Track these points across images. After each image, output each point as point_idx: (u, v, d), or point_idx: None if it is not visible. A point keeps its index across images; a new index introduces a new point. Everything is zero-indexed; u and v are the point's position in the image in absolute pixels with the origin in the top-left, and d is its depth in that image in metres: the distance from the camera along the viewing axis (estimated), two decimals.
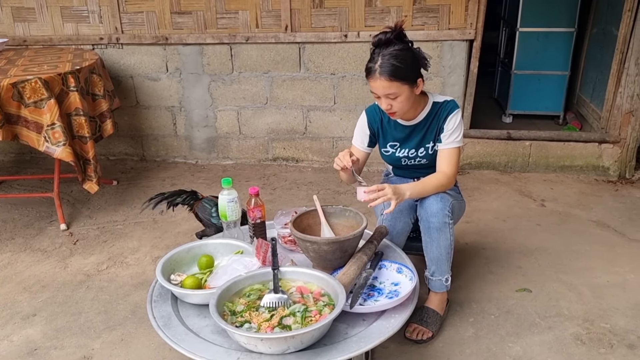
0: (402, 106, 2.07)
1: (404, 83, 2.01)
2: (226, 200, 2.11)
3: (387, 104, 2.07)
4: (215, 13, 3.75)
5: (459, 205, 2.31)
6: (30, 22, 3.92)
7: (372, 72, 2.01)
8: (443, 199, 2.13)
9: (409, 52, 2.03)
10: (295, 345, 1.57)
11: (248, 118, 4.05)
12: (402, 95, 2.03)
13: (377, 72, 1.99)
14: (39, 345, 2.23)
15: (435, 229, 2.14)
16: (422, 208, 2.17)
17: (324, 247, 1.88)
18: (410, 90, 2.05)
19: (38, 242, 3.05)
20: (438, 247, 2.17)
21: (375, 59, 2.01)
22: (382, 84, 2.00)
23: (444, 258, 2.19)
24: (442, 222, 2.12)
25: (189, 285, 1.85)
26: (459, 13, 3.55)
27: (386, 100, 2.05)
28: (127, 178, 3.92)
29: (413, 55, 2.04)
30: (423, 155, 2.26)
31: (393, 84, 2.00)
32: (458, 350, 2.17)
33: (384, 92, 2.03)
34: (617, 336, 2.23)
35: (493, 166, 3.93)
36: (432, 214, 2.13)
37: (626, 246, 2.93)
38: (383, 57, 1.99)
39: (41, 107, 2.88)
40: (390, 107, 2.07)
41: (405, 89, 2.02)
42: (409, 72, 2.02)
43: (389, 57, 1.98)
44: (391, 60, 1.98)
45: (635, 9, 3.46)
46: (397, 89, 2.01)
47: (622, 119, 3.69)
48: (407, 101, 2.06)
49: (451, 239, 2.17)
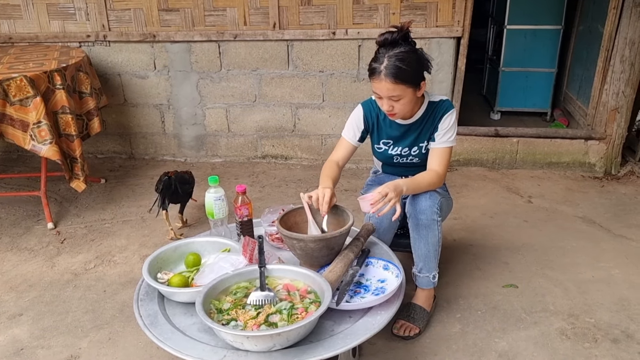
0: (403, 108, 2.07)
1: (409, 86, 2.00)
2: (213, 199, 2.11)
3: (389, 106, 2.05)
4: (203, 10, 3.74)
5: (446, 203, 2.32)
6: (16, 19, 3.88)
7: (376, 72, 1.99)
8: (432, 197, 2.14)
9: (414, 54, 2.01)
10: (282, 342, 1.57)
11: (237, 116, 4.04)
12: (405, 97, 2.03)
13: (382, 74, 1.97)
14: (26, 345, 2.22)
15: (423, 226, 2.15)
16: (411, 205, 2.17)
17: (311, 244, 1.89)
18: (413, 93, 2.04)
19: (25, 241, 3.03)
20: (426, 244, 2.18)
21: (381, 60, 1.98)
22: (386, 85, 1.99)
23: (432, 255, 2.20)
24: (430, 219, 2.13)
25: (175, 283, 1.85)
26: (447, 11, 3.56)
27: (388, 101, 2.04)
28: (116, 176, 3.91)
29: (418, 57, 2.03)
30: (416, 154, 2.27)
31: (398, 86, 1.98)
32: (445, 346, 2.19)
33: (388, 94, 2.01)
34: (602, 331, 2.26)
35: (481, 163, 3.95)
36: (420, 211, 2.14)
37: (611, 242, 2.96)
38: (389, 58, 1.97)
39: (27, 105, 2.86)
40: (392, 109, 2.06)
41: (409, 91, 2.02)
42: (414, 75, 2.01)
43: (395, 60, 1.96)
44: (397, 63, 1.96)
45: (620, 7, 3.49)
46: (402, 91, 2.00)
47: (608, 115, 3.72)
48: (409, 103, 2.07)
49: (439, 236, 2.18)
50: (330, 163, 2.26)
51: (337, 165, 2.25)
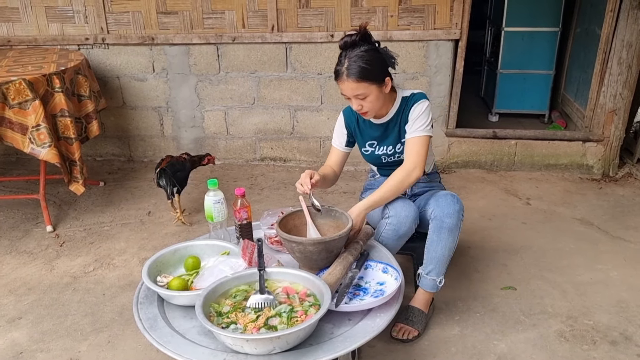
0: (372, 106, 2.09)
1: (372, 83, 2.03)
2: (212, 202, 2.11)
3: (357, 105, 2.09)
4: (202, 13, 3.74)
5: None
6: (15, 22, 3.89)
7: (340, 74, 2.03)
8: (459, 201, 2.15)
9: (375, 52, 2.05)
10: (281, 345, 1.58)
11: (235, 118, 4.05)
12: (371, 95, 2.05)
13: (345, 74, 2.01)
14: (25, 348, 2.22)
15: (447, 229, 2.13)
16: (438, 207, 2.14)
17: (310, 247, 1.89)
18: (378, 90, 2.07)
19: (24, 244, 3.03)
20: (443, 248, 2.16)
21: (342, 62, 2.02)
22: (350, 85, 2.02)
23: (445, 259, 2.19)
24: (455, 224, 2.13)
25: (175, 286, 1.85)
26: (444, 13, 3.57)
27: (356, 100, 2.07)
28: (114, 179, 3.91)
29: (379, 55, 2.06)
30: (401, 151, 2.26)
31: (361, 84, 2.02)
32: (444, 349, 2.19)
33: (353, 93, 2.05)
34: (600, 333, 2.27)
35: (479, 165, 3.96)
36: (448, 214, 2.12)
37: (609, 244, 2.97)
38: (350, 59, 2.00)
39: (26, 108, 2.86)
40: (361, 108, 2.09)
41: (373, 88, 2.05)
42: (376, 72, 2.04)
43: (356, 59, 2.00)
44: (358, 62, 1.99)
45: (617, 9, 3.51)
46: (365, 89, 2.03)
47: (606, 117, 3.73)
48: (376, 100, 2.09)
49: (456, 241, 2.18)
50: (323, 166, 2.35)
51: (329, 167, 2.33)
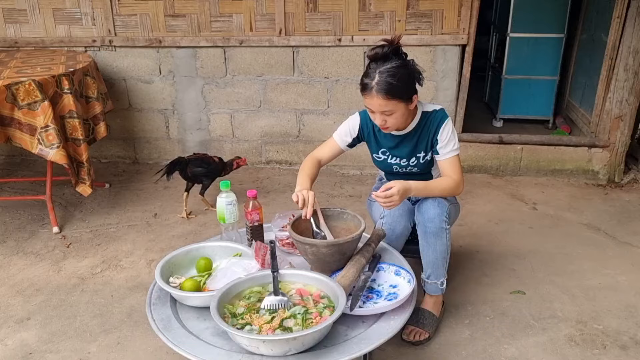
0: (396, 122, 2.07)
1: (400, 101, 2.00)
2: (224, 203, 2.12)
3: (381, 120, 2.06)
4: (209, 16, 3.75)
5: (455, 209, 2.33)
6: (22, 24, 3.89)
7: (368, 88, 1.99)
8: (440, 204, 2.14)
9: (405, 69, 2.00)
10: (297, 347, 1.57)
11: (241, 121, 4.05)
12: (397, 112, 2.03)
13: (374, 90, 1.97)
14: (34, 349, 2.21)
15: (432, 233, 2.15)
16: (420, 212, 2.18)
17: (323, 249, 1.89)
18: (405, 107, 2.04)
19: (30, 245, 3.02)
20: (434, 252, 2.18)
21: (372, 75, 1.97)
22: (378, 102, 1.99)
23: (440, 262, 2.20)
24: (439, 227, 2.14)
25: (188, 287, 1.85)
26: (452, 18, 3.59)
27: (381, 116, 2.04)
28: (120, 181, 3.91)
29: (409, 72, 2.02)
30: (414, 164, 2.26)
31: (390, 102, 1.98)
32: (454, 352, 2.19)
33: (380, 109, 2.02)
34: (610, 337, 2.27)
35: (485, 170, 3.97)
36: (429, 219, 2.14)
37: (616, 249, 2.97)
38: (380, 74, 1.96)
39: (35, 109, 2.86)
40: (385, 123, 2.07)
41: (401, 106, 2.02)
42: (405, 90, 2.00)
43: (387, 76, 1.95)
44: (388, 79, 1.95)
45: (624, 16, 3.53)
46: (394, 106, 2.00)
47: (611, 123, 3.74)
48: (401, 117, 2.07)
49: (447, 243, 2.18)
50: (312, 159, 2.29)
51: (318, 163, 2.29)
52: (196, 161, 3.26)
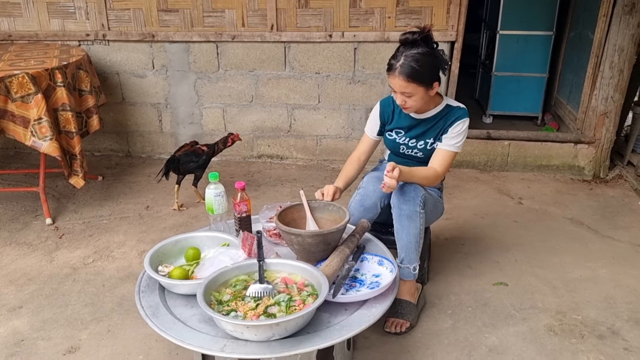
0: (415, 104, 2.19)
1: (420, 85, 2.11)
2: (213, 195, 2.16)
3: (402, 100, 2.18)
4: (202, 11, 3.79)
5: (433, 203, 2.38)
6: (16, 17, 3.92)
7: (392, 69, 2.12)
8: (416, 189, 2.22)
9: (431, 56, 2.11)
10: (280, 332, 1.63)
11: (233, 116, 4.10)
12: (417, 95, 2.14)
13: (397, 71, 2.09)
14: (26, 336, 2.26)
15: (406, 216, 2.22)
16: (396, 196, 2.24)
17: (308, 239, 1.94)
18: (425, 92, 2.15)
19: (23, 236, 3.07)
20: (408, 235, 2.24)
21: (398, 57, 2.10)
22: (399, 82, 2.11)
23: (413, 247, 2.25)
24: (413, 210, 2.20)
25: (176, 276, 1.90)
26: (441, 15, 3.64)
27: (401, 96, 2.17)
28: (113, 174, 3.95)
29: (434, 59, 2.13)
30: (421, 148, 2.35)
31: (410, 84, 2.10)
32: (436, 341, 2.25)
33: (400, 90, 2.14)
34: (588, 327, 2.33)
35: (473, 165, 4.03)
36: (404, 201, 2.21)
37: (599, 242, 3.04)
38: (406, 57, 2.08)
39: (28, 101, 2.90)
40: (405, 103, 2.19)
41: (420, 90, 2.13)
42: (427, 76, 2.11)
43: (411, 59, 2.07)
44: (412, 63, 2.07)
45: (610, 14, 3.59)
46: (413, 89, 2.12)
47: (597, 120, 3.81)
48: (420, 100, 2.18)
49: (421, 228, 2.24)
50: (351, 159, 2.46)
51: (357, 160, 2.46)
52: (186, 157, 3.32)
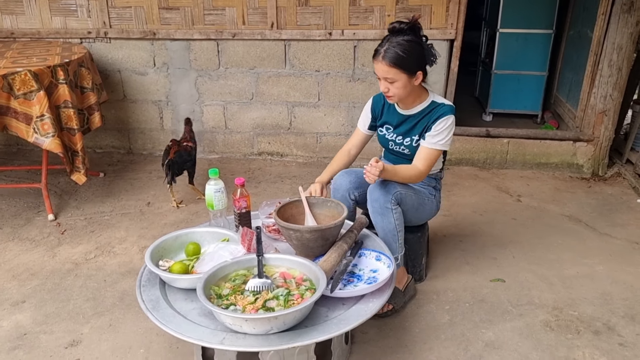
0: (398, 92, 2.20)
1: (403, 71, 2.14)
2: (213, 190, 2.19)
3: (384, 87, 2.21)
4: (203, 9, 3.82)
5: (417, 201, 2.39)
6: (18, 15, 3.95)
7: (377, 54, 2.16)
8: (388, 188, 2.25)
9: (417, 45, 2.15)
10: (278, 326, 1.66)
11: (234, 113, 4.12)
12: (399, 82, 2.16)
13: (381, 56, 2.13)
14: (29, 330, 2.29)
15: (377, 213, 2.27)
16: (369, 192, 2.29)
17: (307, 235, 1.97)
18: (407, 80, 2.17)
19: (26, 231, 3.10)
20: (383, 230, 2.28)
21: (384, 44, 2.15)
22: (382, 67, 2.15)
23: (390, 239, 2.29)
24: (383, 207, 2.24)
25: (176, 270, 1.93)
26: (440, 13, 3.66)
27: (384, 82, 2.20)
28: (114, 170, 3.98)
29: (420, 49, 2.16)
30: (408, 144, 2.37)
31: (391, 69, 2.13)
32: (434, 336, 2.27)
33: (383, 75, 2.17)
34: (584, 323, 2.35)
35: (472, 162, 4.05)
36: (374, 199, 2.26)
37: (596, 240, 3.06)
38: (390, 43, 2.12)
39: (31, 98, 2.93)
40: (388, 90, 2.22)
41: (402, 76, 2.15)
42: (410, 63, 2.14)
43: (395, 45, 2.11)
44: (396, 48, 2.11)
45: (608, 13, 3.60)
46: (395, 75, 2.14)
47: (596, 118, 3.83)
48: (403, 88, 2.19)
49: (395, 222, 2.27)
50: (342, 151, 2.51)
51: (347, 152, 2.50)
52: (181, 158, 3.33)
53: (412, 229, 2.49)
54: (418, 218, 2.47)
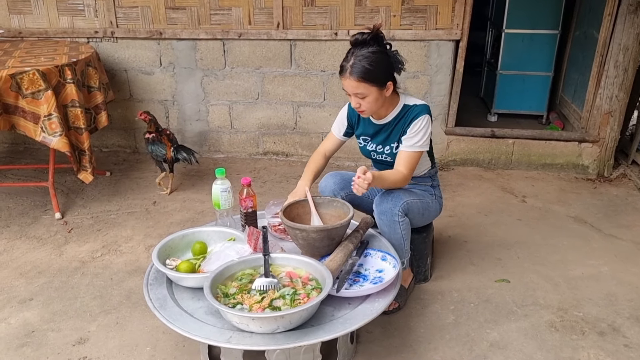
0: (370, 106, 2.14)
1: (373, 85, 2.07)
2: (219, 190, 2.20)
3: (356, 102, 2.14)
4: (209, 9, 3.83)
5: (423, 207, 2.39)
6: (26, 15, 3.97)
7: (343, 70, 2.08)
8: (394, 200, 2.24)
9: (383, 55, 2.09)
10: (285, 325, 1.67)
11: (239, 113, 4.13)
12: (370, 96, 2.10)
13: (348, 72, 2.06)
14: (36, 327, 2.31)
15: (385, 224, 2.26)
16: (375, 205, 2.28)
17: (313, 234, 1.98)
18: (378, 92, 2.11)
19: (33, 230, 3.12)
20: (390, 239, 2.28)
21: (349, 58, 2.07)
22: (351, 83, 2.07)
23: (399, 247, 2.28)
24: (390, 220, 2.24)
25: (183, 269, 1.95)
26: (446, 14, 3.66)
27: (355, 98, 2.13)
28: (120, 169, 4.00)
29: (386, 58, 2.10)
30: (388, 152, 2.33)
31: (361, 84, 2.06)
32: (439, 336, 2.28)
33: (353, 91, 2.10)
34: (589, 324, 2.36)
35: (477, 163, 4.05)
36: (381, 212, 2.25)
37: (601, 241, 3.06)
38: (356, 57, 2.05)
39: (38, 98, 2.95)
40: (359, 106, 2.15)
41: (373, 90, 2.09)
42: (379, 75, 2.07)
43: (361, 59, 2.04)
44: (362, 62, 2.04)
45: (615, 14, 3.60)
46: (365, 89, 2.08)
47: (601, 119, 3.82)
48: (375, 102, 2.13)
49: (402, 233, 2.27)
50: (317, 154, 2.44)
51: (323, 156, 2.45)
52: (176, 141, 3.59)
53: (417, 229, 2.50)
54: (425, 221, 2.48)
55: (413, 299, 2.51)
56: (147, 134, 3.50)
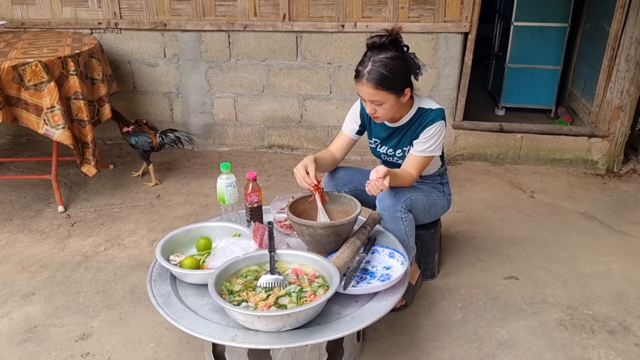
0: (386, 112, 2.07)
1: (390, 92, 2.00)
2: (224, 185, 2.17)
3: (371, 109, 2.07)
4: (214, 0, 3.78)
5: (428, 203, 2.34)
6: (29, 5, 3.93)
7: (360, 76, 2.00)
8: (397, 195, 2.19)
9: (401, 61, 2.00)
10: (291, 323, 1.63)
11: (244, 105, 4.09)
12: (387, 103, 2.03)
13: (365, 78, 1.98)
14: (39, 322, 2.28)
15: (388, 221, 2.22)
16: (378, 201, 2.24)
17: (319, 231, 1.94)
18: (395, 100, 2.04)
19: (36, 223, 3.09)
20: (395, 236, 2.24)
21: (366, 64, 1.99)
22: (368, 90, 2.00)
23: (404, 243, 2.24)
24: (393, 216, 2.20)
25: (187, 265, 1.91)
26: (455, 6, 3.60)
27: (371, 105, 2.06)
28: (124, 162, 3.96)
29: (405, 64, 2.01)
30: (400, 156, 2.29)
31: (378, 92, 1.99)
32: (446, 334, 2.25)
33: (370, 98, 2.03)
34: (599, 322, 2.32)
35: (485, 157, 4.00)
36: (384, 208, 2.21)
37: (611, 237, 3.01)
38: (374, 63, 1.96)
39: (41, 90, 2.91)
40: (375, 112, 2.08)
41: (390, 97, 2.02)
42: (397, 82, 2.00)
43: (379, 65, 1.95)
44: (380, 69, 1.95)
45: (627, 6, 3.53)
46: (383, 97, 2.00)
47: (612, 114, 3.76)
48: (391, 109, 2.06)
49: (406, 229, 2.23)
50: (326, 152, 2.34)
51: (332, 156, 2.34)
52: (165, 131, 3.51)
53: (424, 225, 2.46)
54: (431, 217, 2.43)
55: (420, 295, 2.47)
56: (125, 127, 3.46)
